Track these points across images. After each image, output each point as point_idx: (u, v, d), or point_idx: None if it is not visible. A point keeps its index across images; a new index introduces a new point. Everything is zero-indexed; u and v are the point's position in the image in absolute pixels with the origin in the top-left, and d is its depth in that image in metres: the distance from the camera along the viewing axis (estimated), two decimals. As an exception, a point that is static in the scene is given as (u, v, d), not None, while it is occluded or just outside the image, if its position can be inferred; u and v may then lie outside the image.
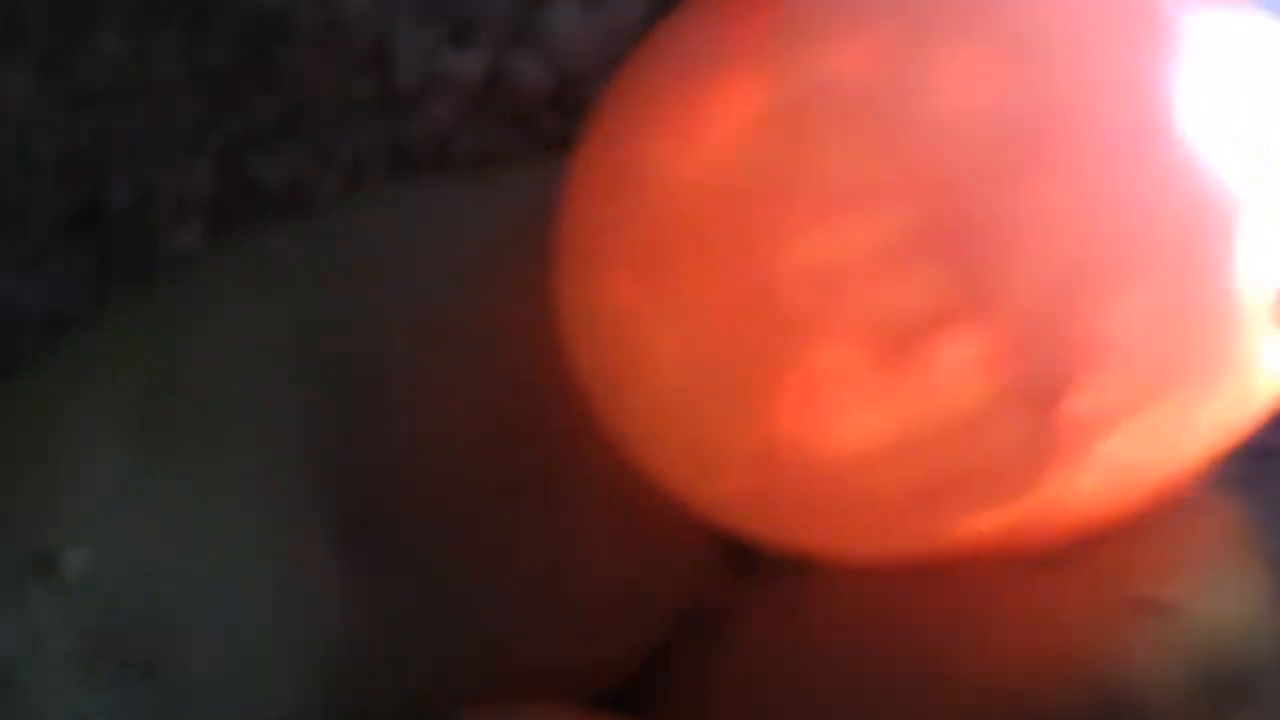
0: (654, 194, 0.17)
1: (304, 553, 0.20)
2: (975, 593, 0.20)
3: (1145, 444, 0.18)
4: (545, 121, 0.22)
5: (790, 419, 0.17)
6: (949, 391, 0.16)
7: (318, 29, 0.21)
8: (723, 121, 0.17)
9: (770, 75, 0.16)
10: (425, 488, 0.20)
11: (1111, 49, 0.17)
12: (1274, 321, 0.18)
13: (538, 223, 0.20)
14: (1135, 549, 0.21)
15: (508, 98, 0.22)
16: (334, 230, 0.21)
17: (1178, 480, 0.19)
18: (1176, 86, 0.16)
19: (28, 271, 0.21)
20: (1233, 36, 0.18)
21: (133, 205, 0.21)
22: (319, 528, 0.20)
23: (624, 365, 0.18)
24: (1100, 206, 0.16)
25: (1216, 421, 0.18)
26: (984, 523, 0.18)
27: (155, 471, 0.20)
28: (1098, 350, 0.16)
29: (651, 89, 0.18)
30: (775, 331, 0.16)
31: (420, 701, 0.20)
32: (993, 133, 0.16)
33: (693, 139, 0.17)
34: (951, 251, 0.16)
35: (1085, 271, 0.16)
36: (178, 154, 0.21)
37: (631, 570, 0.22)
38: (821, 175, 0.16)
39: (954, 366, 0.16)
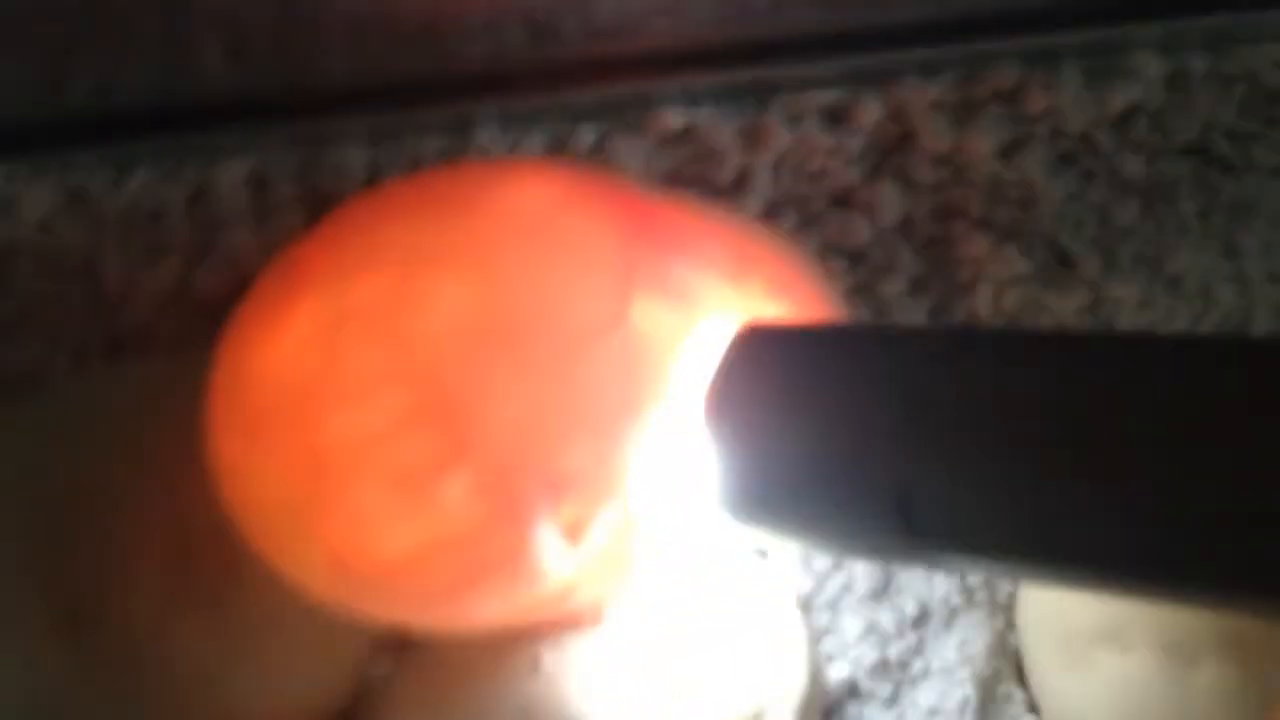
0: (250, 378, 0.24)
1: (28, 644, 0.26)
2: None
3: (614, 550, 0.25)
4: (228, 314, 0.29)
5: (344, 539, 0.23)
6: (453, 517, 0.23)
7: (43, 251, 0.28)
8: (292, 330, 0.24)
9: (320, 298, 0.23)
10: (119, 597, 0.26)
11: (560, 269, 0.24)
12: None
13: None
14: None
15: (197, 298, 0.29)
16: (59, 402, 0.28)
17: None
18: (603, 296, 0.24)
19: None
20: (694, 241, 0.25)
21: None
22: (41, 622, 0.26)
23: (240, 502, 0.24)
24: (550, 382, 0.23)
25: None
26: (513, 606, 0.25)
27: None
28: (559, 483, 0.23)
29: (257, 302, 0.25)
30: (327, 479, 0.23)
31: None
32: (469, 335, 0.23)
33: (274, 341, 0.24)
34: (442, 420, 0.23)
35: (543, 429, 0.23)
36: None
37: (299, 658, 0.28)
38: (351, 371, 0.23)
39: (453, 499, 0.23)
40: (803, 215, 0.33)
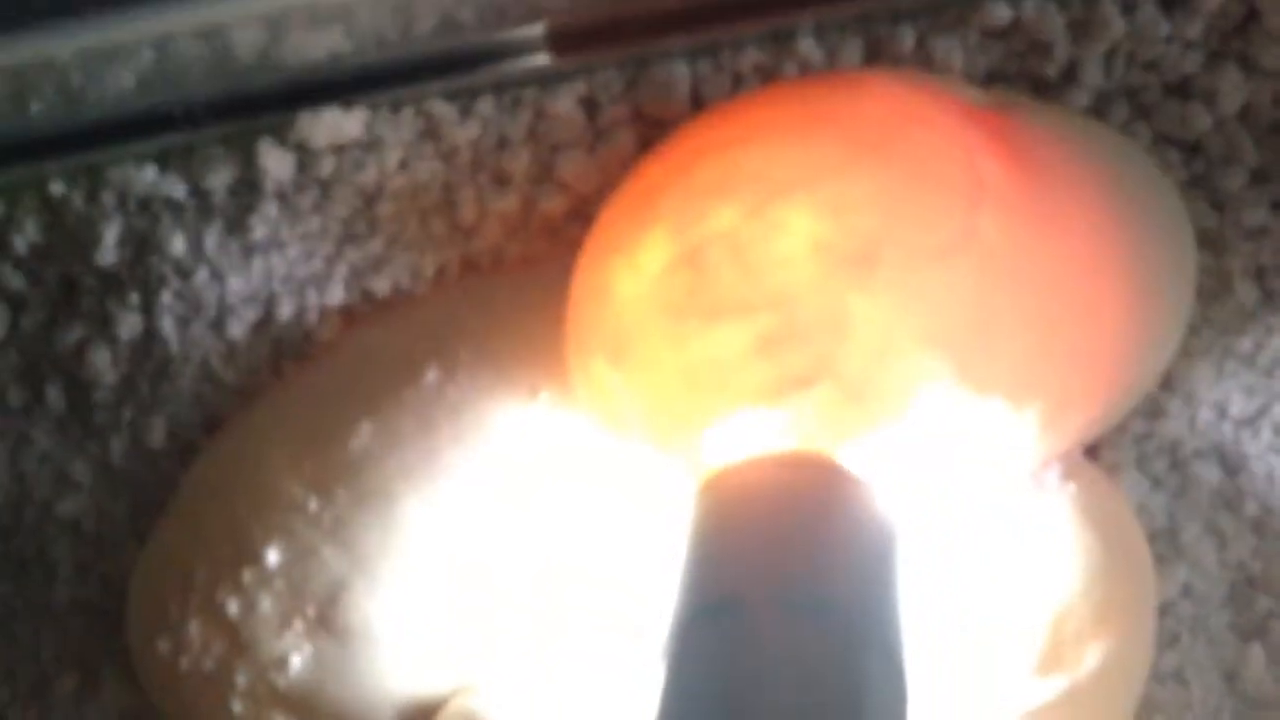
0: (611, 301, 0.25)
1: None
2: None
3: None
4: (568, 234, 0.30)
5: (708, 446, 0.25)
6: (811, 431, 0.24)
7: (404, 189, 0.30)
8: (650, 257, 0.25)
9: (674, 227, 0.24)
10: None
11: (909, 187, 0.24)
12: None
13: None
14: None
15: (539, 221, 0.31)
16: (426, 313, 0.31)
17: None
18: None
19: None
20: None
21: None
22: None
23: (603, 413, 0.26)
24: (903, 302, 0.24)
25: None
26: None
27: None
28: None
29: (609, 227, 0.26)
30: (694, 396, 0.24)
31: None
32: (822, 260, 0.24)
33: (632, 267, 0.25)
34: (802, 341, 0.24)
35: (896, 348, 0.24)
36: None
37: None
38: (713, 296, 0.24)
39: (812, 414, 0.24)
40: (1135, 107, 0.31)
